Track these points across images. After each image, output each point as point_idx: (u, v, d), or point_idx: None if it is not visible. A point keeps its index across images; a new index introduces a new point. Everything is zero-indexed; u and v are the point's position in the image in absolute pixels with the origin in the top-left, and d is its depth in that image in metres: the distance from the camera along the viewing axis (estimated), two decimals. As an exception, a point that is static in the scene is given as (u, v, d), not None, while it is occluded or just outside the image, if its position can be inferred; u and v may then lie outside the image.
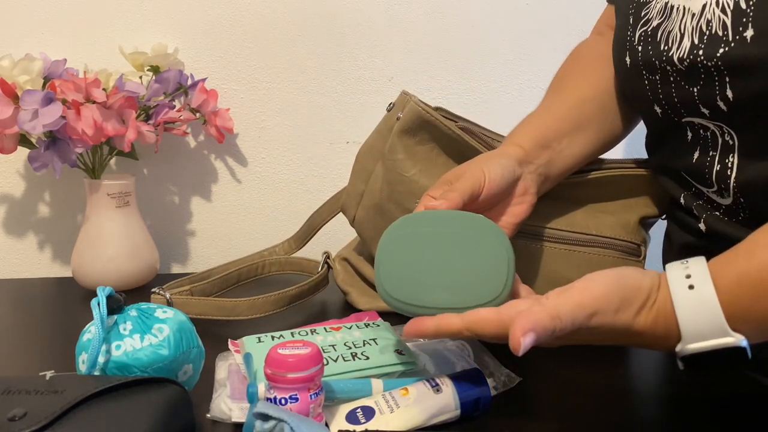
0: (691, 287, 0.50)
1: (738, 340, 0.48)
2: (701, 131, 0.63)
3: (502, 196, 0.65)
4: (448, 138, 0.76)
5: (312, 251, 0.96)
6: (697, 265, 0.51)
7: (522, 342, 0.48)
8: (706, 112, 0.60)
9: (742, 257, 0.50)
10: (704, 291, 0.49)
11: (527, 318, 0.48)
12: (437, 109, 0.78)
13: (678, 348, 0.50)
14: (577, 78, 0.77)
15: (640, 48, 0.66)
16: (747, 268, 0.49)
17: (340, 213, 0.90)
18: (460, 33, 1.07)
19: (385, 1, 1.04)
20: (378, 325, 0.73)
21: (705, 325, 0.49)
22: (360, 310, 0.84)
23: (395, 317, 0.80)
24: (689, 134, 0.65)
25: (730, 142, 0.60)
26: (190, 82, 0.99)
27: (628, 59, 0.68)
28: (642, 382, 0.70)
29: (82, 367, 0.56)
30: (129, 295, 0.77)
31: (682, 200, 0.68)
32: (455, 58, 1.07)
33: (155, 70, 0.96)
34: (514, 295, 0.58)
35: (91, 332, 0.57)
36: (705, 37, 0.58)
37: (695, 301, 0.49)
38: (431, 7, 1.05)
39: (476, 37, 1.07)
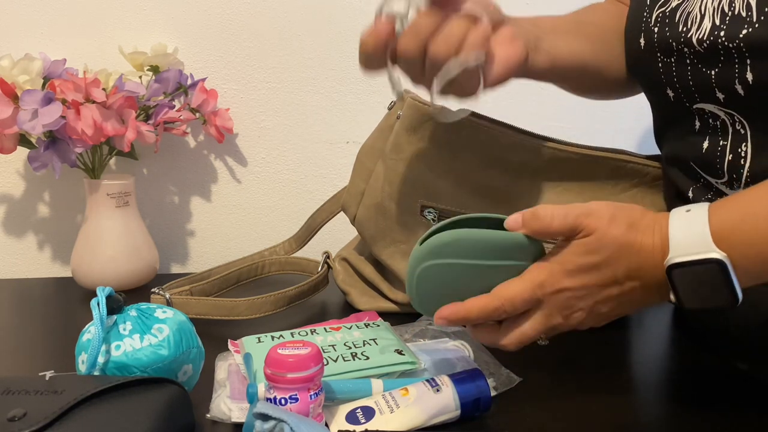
0: (687, 211, 0.53)
1: (721, 256, 0.50)
2: (710, 120, 0.63)
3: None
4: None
5: (312, 251, 0.96)
6: (699, 203, 0.54)
7: (511, 221, 0.55)
8: (721, 97, 0.60)
9: (740, 193, 0.53)
10: (697, 212, 0.52)
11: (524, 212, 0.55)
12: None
13: (666, 261, 0.52)
14: (596, 18, 0.77)
15: (656, 29, 0.65)
16: (741, 199, 0.52)
17: (341, 213, 0.90)
18: (460, 33, 1.06)
19: (385, 1, 1.04)
20: (378, 325, 0.73)
21: (691, 238, 0.51)
22: (360, 310, 0.84)
23: (395, 317, 0.80)
24: (697, 123, 0.65)
25: (742, 131, 0.60)
26: (189, 82, 0.99)
27: (642, 40, 0.67)
28: (642, 382, 0.70)
29: (82, 368, 0.56)
30: (129, 295, 0.77)
31: (690, 194, 0.68)
32: (455, 58, 1.07)
33: (155, 69, 0.96)
34: None
35: (90, 332, 0.57)
36: (727, 18, 0.57)
37: (687, 219, 0.52)
38: (431, 7, 1.05)
39: (476, 37, 1.07)
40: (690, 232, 0.51)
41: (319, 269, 0.89)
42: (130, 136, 0.89)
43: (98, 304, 0.56)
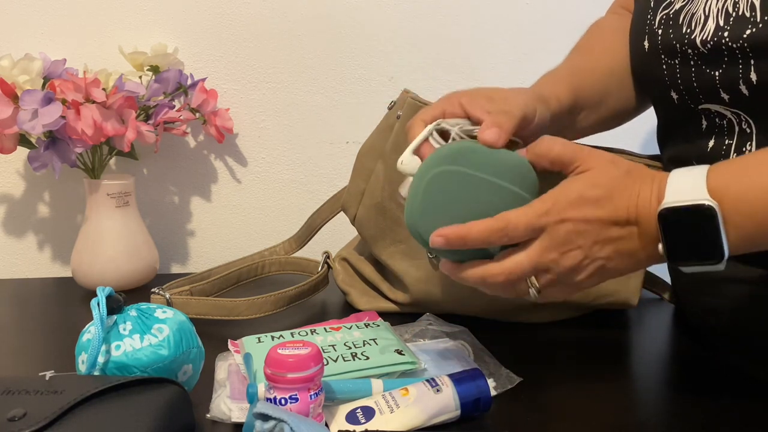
0: (688, 169, 0.53)
1: (712, 203, 0.50)
2: (717, 119, 0.63)
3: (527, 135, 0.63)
4: None
5: (312, 251, 0.96)
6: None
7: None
8: (726, 97, 0.60)
9: (743, 156, 0.54)
10: (698, 168, 0.53)
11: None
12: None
13: (660, 205, 0.52)
14: (604, 47, 0.76)
15: (660, 31, 0.65)
16: (740, 159, 0.53)
17: (341, 213, 0.90)
18: (460, 32, 1.06)
19: (385, 1, 1.04)
20: (378, 325, 0.73)
21: (687, 184, 0.52)
22: (360, 310, 0.84)
23: (395, 317, 0.80)
24: (704, 123, 0.65)
25: (748, 130, 0.60)
26: (189, 82, 0.99)
27: (646, 43, 0.67)
28: (642, 382, 0.70)
29: (82, 368, 0.56)
30: (129, 295, 0.77)
31: None
32: (455, 57, 1.07)
33: (155, 69, 0.96)
34: None
35: (90, 332, 0.57)
36: (731, 19, 0.58)
37: (687, 170, 0.53)
38: (431, 7, 1.05)
39: (476, 37, 1.07)
40: (685, 181, 0.52)
41: (319, 269, 0.89)
42: (130, 136, 0.89)
43: (98, 304, 0.56)
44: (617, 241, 0.54)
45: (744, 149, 0.61)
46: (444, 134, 0.58)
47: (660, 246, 0.52)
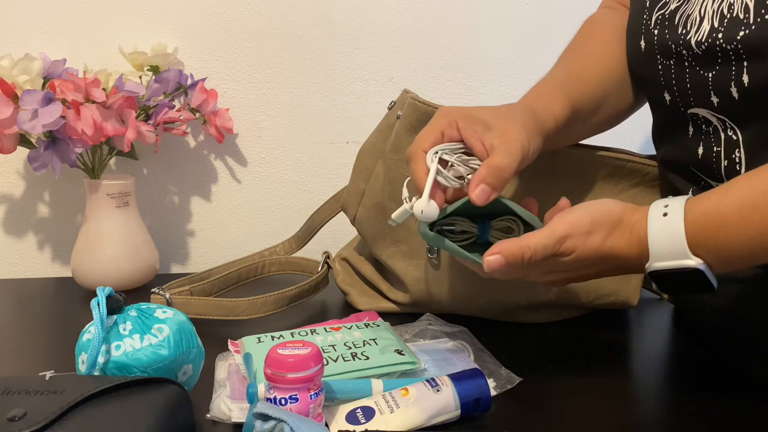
0: (665, 215, 0.55)
1: (697, 263, 0.53)
2: (703, 125, 0.63)
3: None
4: None
5: (312, 251, 0.96)
6: (677, 200, 0.56)
7: (486, 260, 0.55)
8: (715, 101, 0.60)
9: (717, 193, 0.54)
10: (674, 218, 0.54)
11: (498, 246, 0.55)
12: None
13: (647, 266, 0.55)
14: (600, 48, 0.75)
15: (656, 32, 0.65)
16: (717, 203, 0.54)
17: (341, 213, 0.90)
18: (460, 32, 1.06)
19: (384, 1, 1.04)
20: (378, 325, 0.73)
21: (669, 247, 0.54)
22: (360, 310, 0.84)
23: (395, 317, 0.80)
24: (691, 129, 0.65)
25: (734, 138, 0.60)
26: (189, 82, 0.99)
27: (642, 43, 0.67)
28: (642, 382, 0.70)
29: (82, 368, 0.56)
30: (129, 295, 0.78)
31: (690, 194, 0.68)
32: (455, 58, 1.07)
33: (155, 69, 0.96)
34: None
35: (90, 332, 0.57)
36: (725, 20, 0.58)
37: (664, 226, 0.54)
38: (431, 7, 1.05)
39: (476, 37, 1.07)
40: (668, 242, 0.54)
41: (319, 269, 0.89)
42: (130, 136, 0.89)
43: (98, 304, 0.56)
44: (600, 273, 0.60)
45: (733, 156, 0.61)
46: (442, 162, 0.59)
47: (653, 285, 0.57)
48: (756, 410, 0.62)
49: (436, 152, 0.59)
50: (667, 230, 0.54)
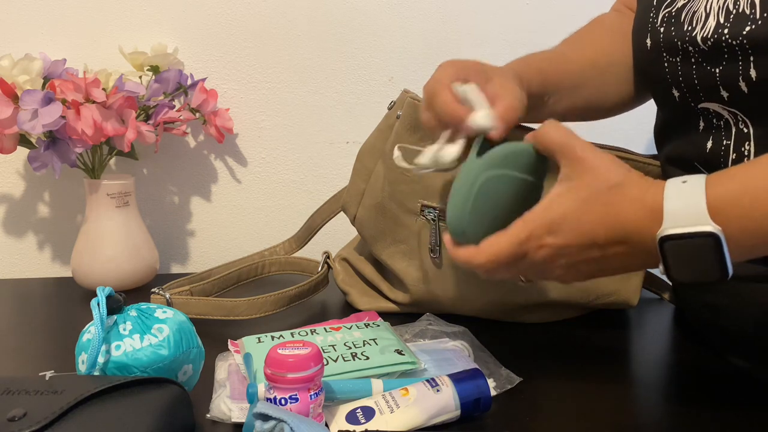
0: (684, 182, 0.51)
1: (715, 228, 0.48)
2: (714, 120, 0.63)
3: None
4: None
5: (312, 251, 0.96)
6: (696, 175, 0.52)
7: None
8: (725, 95, 0.61)
9: (742, 167, 0.52)
10: (694, 183, 0.50)
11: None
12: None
13: (659, 232, 0.50)
14: (593, 39, 0.77)
15: (662, 29, 0.66)
16: (744, 171, 0.51)
17: (341, 213, 0.90)
18: (460, 32, 1.06)
19: (384, 1, 1.04)
20: (378, 325, 0.73)
21: (687, 209, 0.49)
22: (360, 310, 0.84)
23: (395, 317, 0.80)
24: (702, 123, 0.65)
25: (745, 131, 0.61)
26: (189, 82, 0.99)
27: (649, 41, 0.68)
28: (642, 382, 0.70)
29: (82, 368, 0.56)
30: (129, 295, 0.78)
31: None
32: (455, 57, 1.07)
33: (155, 70, 0.96)
34: None
35: (90, 332, 0.57)
36: (731, 16, 0.58)
37: (683, 189, 0.51)
38: (431, 7, 1.05)
39: (476, 37, 1.07)
40: (685, 204, 0.50)
41: (319, 269, 0.89)
42: (130, 136, 0.89)
43: (98, 304, 0.56)
44: (601, 259, 0.54)
45: (742, 149, 0.61)
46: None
47: (660, 266, 0.52)
48: (756, 410, 0.62)
49: (464, 90, 0.60)
50: (686, 192, 0.50)
